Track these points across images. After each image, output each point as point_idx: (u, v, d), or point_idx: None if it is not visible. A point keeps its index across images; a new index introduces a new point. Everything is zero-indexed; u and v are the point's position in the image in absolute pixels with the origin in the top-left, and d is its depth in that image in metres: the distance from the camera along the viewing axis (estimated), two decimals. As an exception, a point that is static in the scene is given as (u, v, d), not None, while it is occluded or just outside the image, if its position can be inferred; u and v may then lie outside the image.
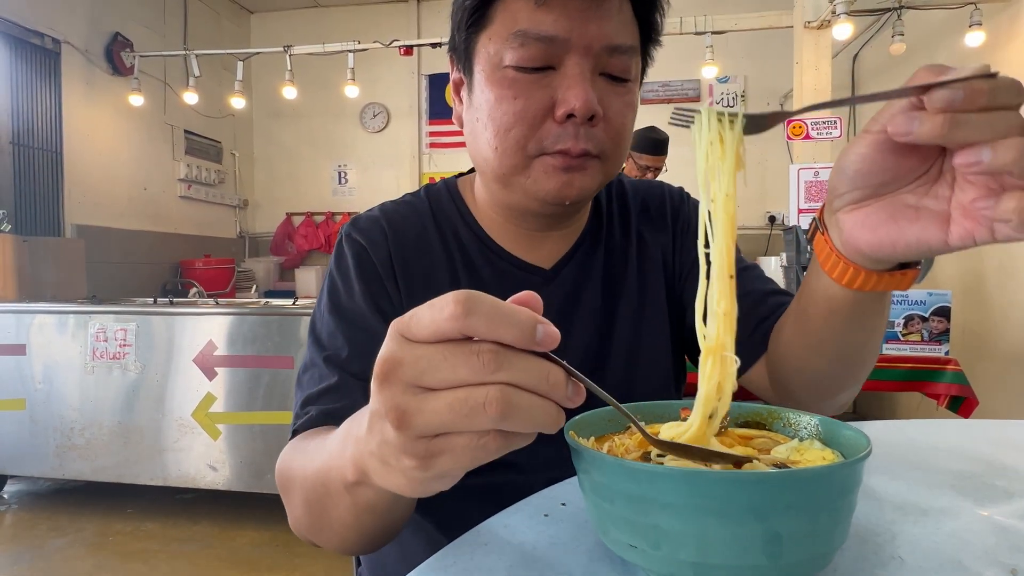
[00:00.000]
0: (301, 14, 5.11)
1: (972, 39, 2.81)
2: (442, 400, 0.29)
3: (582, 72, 0.57)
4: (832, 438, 0.42)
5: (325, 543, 0.52)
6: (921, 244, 0.40)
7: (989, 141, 0.33)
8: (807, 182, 2.71)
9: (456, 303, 0.28)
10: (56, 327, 2.59)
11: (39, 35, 3.47)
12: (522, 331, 0.29)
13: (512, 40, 0.57)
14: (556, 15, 0.56)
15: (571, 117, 0.57)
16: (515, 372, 0.29)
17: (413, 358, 0.29)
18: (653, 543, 0.34)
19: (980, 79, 0.33)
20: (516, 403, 0.29)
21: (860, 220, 0.43)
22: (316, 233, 5.04)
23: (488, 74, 0.59)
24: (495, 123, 0.59)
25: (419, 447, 0.30)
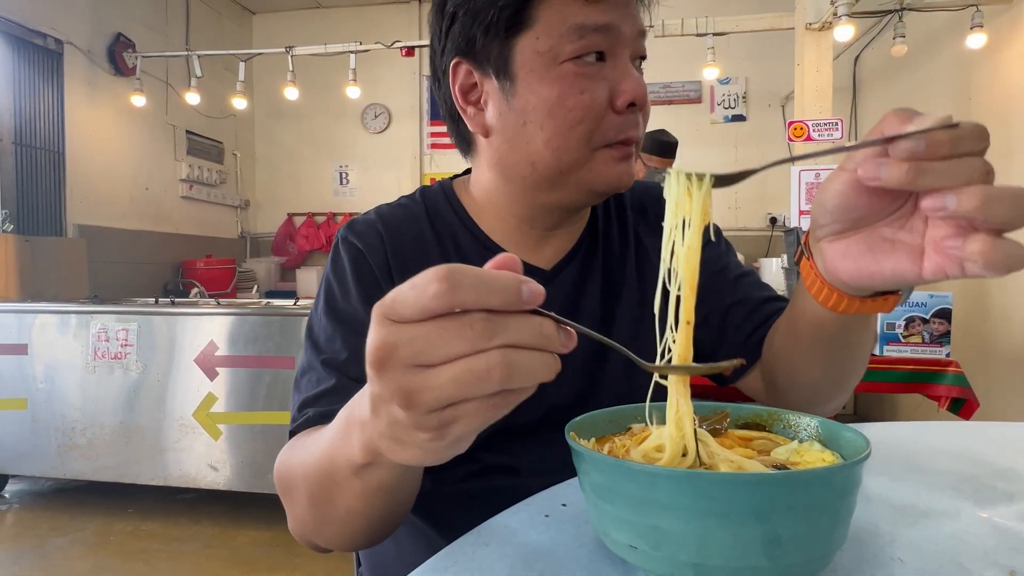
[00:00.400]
0: (303, 15, 5.12)
1: (973, 41, 2.81)
2: (446, 374, 0.29)
3: (629, 63, 0.60)
4: (832, 440, 0.42)
5: (330, 538, 0.52)
6: (896, 276, 0.42)
7: (953, 188, 0.35)
8: (808, 184, 2.71)
9: (439, 280, 0.29)
10: (58, 327, 2.60)
11: (41, 35, 3.48)
12: (508, 295, 0.29)
13: (570, 34, 0.58)
14: (605, 5, 0.59)
15: (632, 106, 0.59)
16: (510, 334, 0.30)
17: (407, 339, 0.30)
18: (653, 544, 0.34)
19: (941, 130, 0.35)
20: (517, 362, 0.30)
21: (841, 251, 0.45)
22: (317, 233, 5.04)
23: (542, 72, 0.59)
24: (558, 120, 0.59)
25: (431, 420, 0.31)
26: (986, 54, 2.87)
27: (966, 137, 0.35)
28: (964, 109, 3.06)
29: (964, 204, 0.34)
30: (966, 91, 3.05)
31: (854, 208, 0.42)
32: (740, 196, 4.49)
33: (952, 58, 3.14)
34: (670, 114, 4.59)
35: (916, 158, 0.35)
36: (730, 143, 4.55)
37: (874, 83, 4.03)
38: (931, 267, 0.39)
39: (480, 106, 0.64)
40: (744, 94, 4.54)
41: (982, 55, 2.89)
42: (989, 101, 2.89)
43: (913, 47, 3.17)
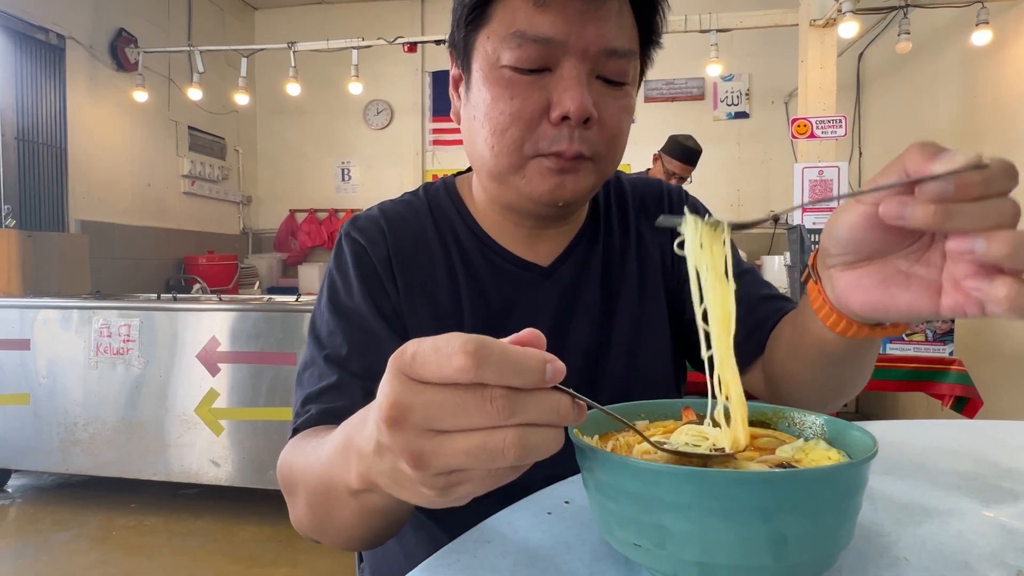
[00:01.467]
0: (305, 10, 5.11)
1: (979, 37, 2.80)
2: (460, 444, 0.29)
3: (578, 75, 0.57)
4: (838, 438, 0.42)
5: (330, 541, 0.52)
6: (912, 311, 0.41)
7: (981, 230, 0.34)
8: (811, 181, 2.70)
9: (465, 355, 0.28)
10: (60, 322, 2.60)
11: (44, 31, 3.47)
12: (533, 377, 0.29)
13: (510, 40, 0.57)
14: (554, 17, 0.56)
15: (566, 119, 0.57)
16: (528, 413, 0.30)
17: (422, 404, 0.29)
18: (657, 542, 0.34)
19: (972, 171, 0.33)
20: (531, 442, 0.30)
21: (852, 282, 0.44)
22: (319, 230, 5.04)
23: (485, 73, 0.59)
24: (491, 122, 0.59)
25: (438, 481, 0.31)
26: (991, 51, 2.85)
27: (996, 178, 0.34)
28: (969, 106, 3.05)
29: (994, 250, 0.34)
30: (971, 88, 3.04)
31: (869, 242, 0.41)
32: (742, 193, 4.48)
33: (957, 55, 3.13)
34: (673, 111, 4.58)
35: (945, 200, 0.34)
36: (733, 140, 4.54)
37: (878, 80, 4.01)
38: (950, 304, 0.38)
39: (459, 96, 0.66)
40: (747, 91, 4.52)
41: (987, 52, 2.87)
42: (994, 98, 2.87)
43: (918, 44, 3.16)
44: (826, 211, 2.74)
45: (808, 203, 0.43)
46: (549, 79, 0.58)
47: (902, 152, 0.36)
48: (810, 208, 0.55)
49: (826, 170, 2.70)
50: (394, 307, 0.66)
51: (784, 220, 4.29)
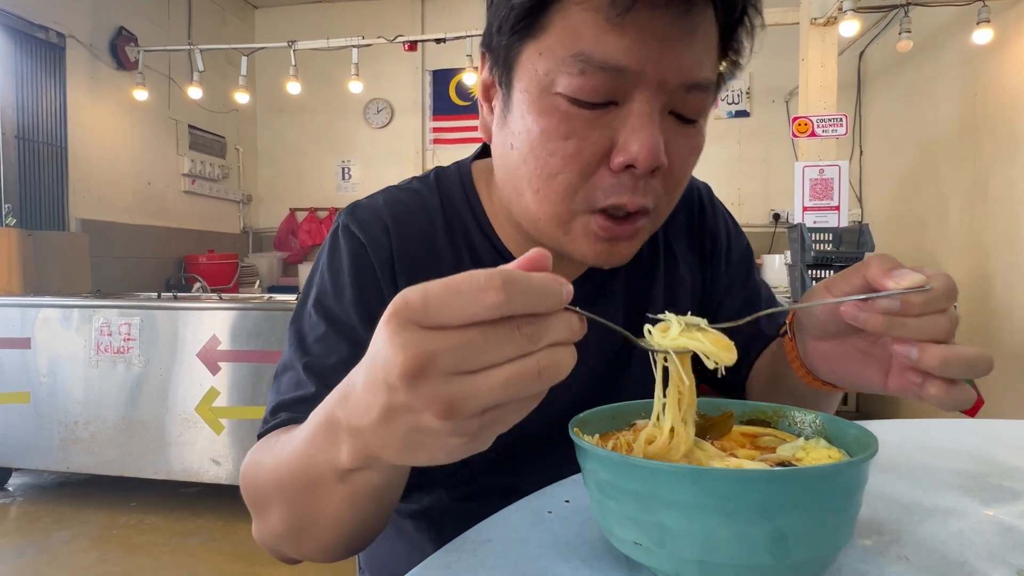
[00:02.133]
0: (305, 9, 5.10)
1: (980, 36, 2.79)
2: (495, 379, 0.29)
3: (651, 113, 0.47)
4: (838, 437, 0.42)
5: (307, 549, 0.47)
6: (865, 384, 0.49)
7: (918, 342, 0.41)
8: (812, 180, 2.70)
9: (497, 290, 0.28)
10: (60, 321, 2.60)
11: (44, 29, 3.47)
12: (556, 300, 0.30)
13: (570, 64, 0.46)
14: (631, 40, 0.45)
15: (630, 167, 0.48)
16: (551, 334, 0.30)
17: (449, 347, 0.28)
18: (658, 541, 0.34)
19: (915, 293, 0.40)
20: (560, 360, 0.30)
21: (821, 353, 0.51)
22: (320, 228, 5.04)
23: (534, 98, 0.49)
24: (538, 162, 0.49)
25: (471, 425, 0.30)
26: (992, 50, 2.85)
27: (936, 299, 0.41)
28: (970, 105, 3.05)
29: (924, 361, 0.41)
30: (972, 87, 3.04)
31: (833, 326, 0.48)
32: (743, 192, 4.48)
33: (958, 54, 3.12)
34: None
35: (892, 314, 0.41)
36: (734, 139, 4.53)
37: (879, 79, 4.01)
38: (894, 386, 0.46)
39: (492, 107, 0.56)
40: (748, 90, 4.52)
41: (988, 51, 2.87)
42: (995, 97, 2.87)
43: (919, 42, 3.15)
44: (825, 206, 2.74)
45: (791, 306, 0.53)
46: (614, 115, 0.47)
47: (866, 259, 0.44)
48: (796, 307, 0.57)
49: (827, 169, 2.70)
50: None
51: (785, 219, 4.29)
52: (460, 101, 4.90)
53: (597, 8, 0.45)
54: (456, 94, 4.90)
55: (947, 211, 3.22)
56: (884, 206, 3.94)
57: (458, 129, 4.92)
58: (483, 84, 0.56)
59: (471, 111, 4.88)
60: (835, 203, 2.70)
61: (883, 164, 3.99)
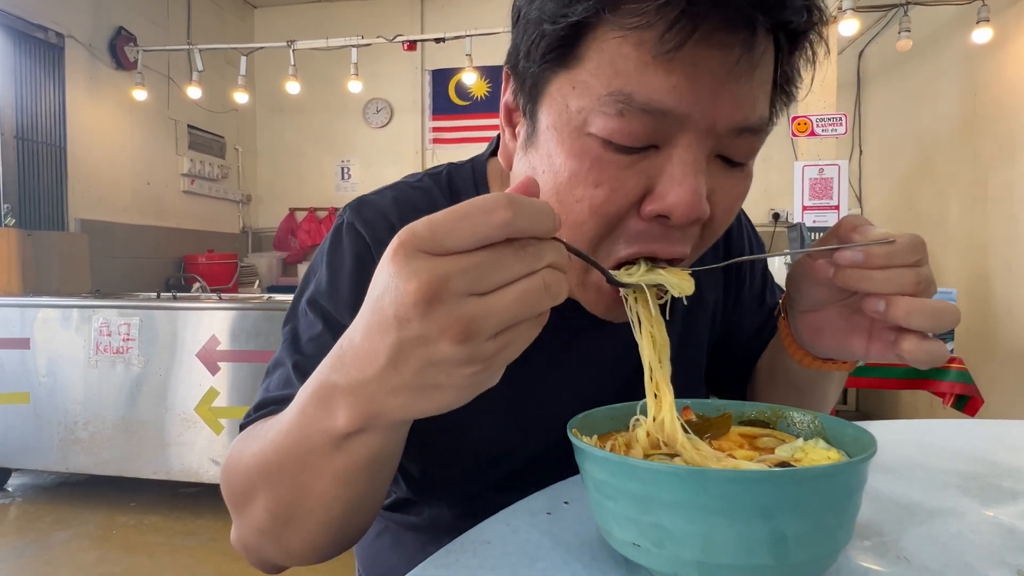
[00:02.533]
0: (304, 9, 5.10)
1: (979, 35, 2.79)
2: (509, 296, 0.30)
3: (695, 161, 0.41)
4: (837, 437, 0.42)
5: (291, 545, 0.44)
6: (847, 352, 0.50)
7: (886, 295, 0.42)
8: (811, 179, 2.70)
9: (504, 208, 0.30)
10: (60, 321, 2.60)
11: (43, 29, 3.47)
12: (553, 223, 0.32)
13: (607, 103, 0.40)
14: (679, 79, 0.39)
15: (662, 216, 0.43)
16: (548, 256, 0.32)
17: (461, 269, 0.29)
18: (657, 542, 0.34)
19: (879, 245, 0.42)
20: (560, 279, 0.32)
21: (809, 324, 0.52)
22: (319, 228, 5.04)
23: (563, 136, 0.43)
24: (562, 207, 0.44)
25: (488, 347, 0.31)
26: (992, 49, 2.85)
27: (899, 252, 0.41)
28: (970, 104, 3.05)
29: (892, 312, 0.41)
30: (972, 86, 3.04)
31: (816, 294, 0.49)
32: (743, 192, 4.47)
33: (958, 53, 3.12)
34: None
35: (857, 266, 0.42)
36: (733, 138, 4.53)
37: (879, 78, 4.01)
38: (875, 350, 0.47)
39: (515, 134, 0.50)
40: (747, 89, 4.51)
41: (988, 50, 2.87)
42: (995, 96, 2.87)
43: (918, 42, 3.15)
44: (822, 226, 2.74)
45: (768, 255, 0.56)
46: (653, 159, 0.42)
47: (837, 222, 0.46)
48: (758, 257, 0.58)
49: (826, 168, 2.70)
50: None
51: (785, 219, 4.29)
52: (459, 101, 4.90)
53: (642, 41, 0.39)
54: (455, 94, 4.90)
55: (947, 210, 3.22)
56: (884, 205, 3.94)
57: (458, 129, 4.92)
58: (505, 106, 0.50)
59: (470, 111, 4.88)
60: (835, 202, 2.70)
61: (883, 163, 3.99)
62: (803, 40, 0.43)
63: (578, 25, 0.40)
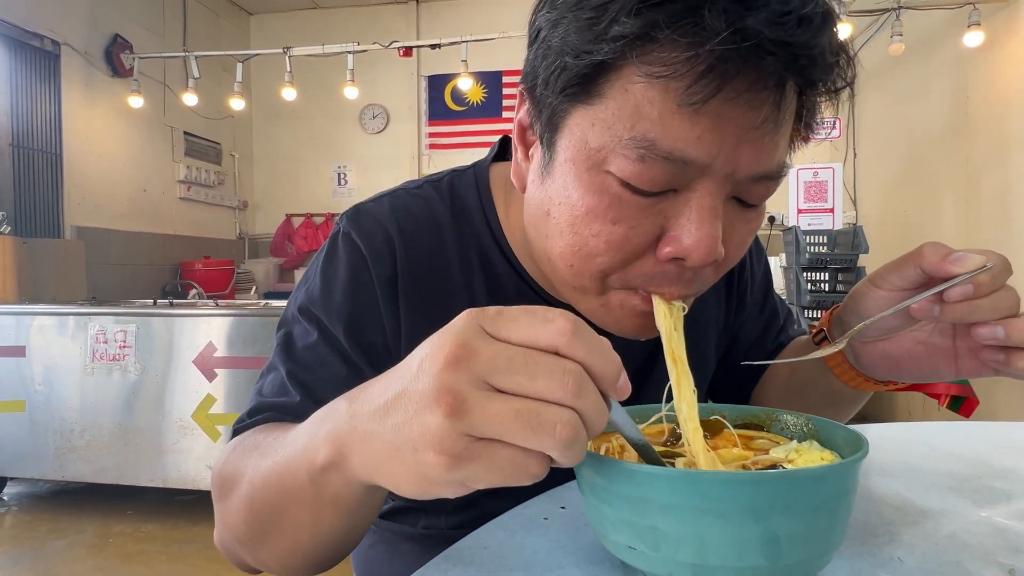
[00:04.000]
0: (300, 15, 5.11)
1: (971, 39, 2.82)
2: (511, 404, 0.28)
3: (713, 207, 0.41)
4: (830, 439, 0.42)
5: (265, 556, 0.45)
6: (934, 375, 0.49)
7: (998, 320, 0.42)
8: (806, 182, 2.71)
9: (567, 321, 0.29)
10: (56, 329, 2.59)
11: (39, 37, 3.47)
12: (615, 372, 0.30)
13: (628, 146, 0.39)
14: (703, 129, 0.38)
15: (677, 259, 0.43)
16: (588, 403, 0.29)
17: (492, 352, 0.28)
18: (652, 545, 0.34)
19: (982, 273, 0.42)
20: (579, 434, 0.28)
21: (880, 353, 0.50)
22: (316, 234, 5.04)
23: (581, 171, 0.42)
24: (578, 239, 0.44)
25: (458, 444, 0.28)
26: (983, 52, 2.87)
27: (1001, 275, 0.42)
28: (961, 107, 3.07)
29: (1015, 337, 0.42)
30: (963, 89, 3.06)
31: (887, 324, 0.48)
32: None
33: (949, 56, 3.15)
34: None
35: (967, 299, 0.42)
36: (728, 142, 4.55)
37: (872, 81, 4.04)
38: (967, 369, 0.47)
39: (528, 155, 0.49)
40: (742, 93, 4.54)
41: (979, 53, 2.89)
42: (986, 99, 2.89)
43: (910, 45, 3.18)
44: (819, 210, 2.75)
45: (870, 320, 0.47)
46: (670, 201, 0.42)
47: (917, 249, 0.45)
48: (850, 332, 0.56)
49: (821, 171, 2.71)
50: (385, 340, 0.54)
51: (780, 222, 4.31)
52: (455, 106, 4.91)
53: (668, 89, 0.38)
54: (452, 99, 4.91)
55: (940, 212, 3.24)
56: (878, 208, 3.96)
57: (454, 134, 4.93)
58: (519, 125, 0.49)
59: (466, 116, 4.90)
60: (829, 205, 2.71)
61: (877, 166, 4.01)
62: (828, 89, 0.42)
63: (602, 64, 0.39)
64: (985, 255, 0.42)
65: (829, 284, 2.78)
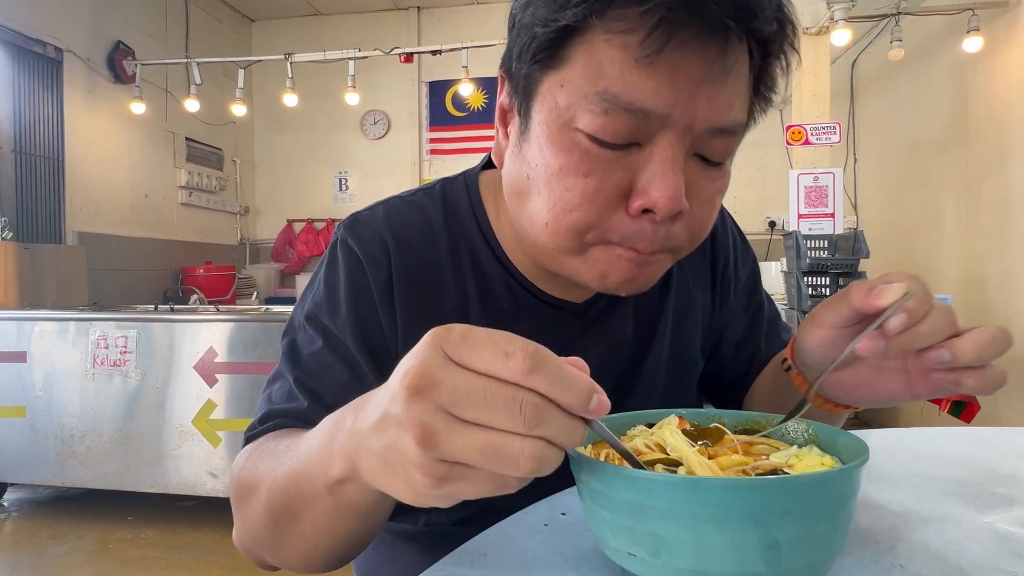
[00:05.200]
0: (302, 22, 5.14)
1: (970, 44, 2.82)
2: (473, 439, 0.29)
3: (674, 158, 0.44)
4: (830, 445, 0.42)
5: (284, 557, 0.47)
6: (892, 398, 0.49)
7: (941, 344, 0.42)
8: (807, 187, 2.71)
9: (525, 357, 0.28)
10: (57, 334, 2.59)
11: (41, 44, 3.49)
12: (579, 399, 0.30)
13: (594, 101, 0.43)
14: (660, 81, 0.42)
15: (649, 211, 0.46)
16: (551, 430, 0.29)
17: (452, 384, 0.29)
18: (652, 551, 0.34)
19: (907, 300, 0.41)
20: (545, 459, 0.29)
21: (836, 383, 0.50)
22: (317, 240, 5.05)
23: (553, 131, 0.46)
24: (553, 196, 0.47)
25: (439, 469, 0.30)
26: (983, 57, 2.88)
27: (925, 297, 0.42)
28: (961, 112, 3.07)
29: (961, 357, 0.42)
30: (963, 94, 3.06)
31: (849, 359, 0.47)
32: (739, 200, 4.50)
33: (949, 62, 3.16)
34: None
35: (904, 329, 0.42)
36: (728, 147, 4.56)
37: (872, 87, 4.04)
38: (922, 390, 0.46)
39: (507, 133, 0.53)
40: (742, 98, 4.55)
41: (979, 58, 2.90)
42: (986, 104, 2.90)
43: (910, 51, 3.19)
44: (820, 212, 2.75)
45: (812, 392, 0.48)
46: (636, 156, 0.45)
47: (846, 288, 0.46)
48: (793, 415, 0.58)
49: (821, 176, 2.71)
50: (386, 343, 0.57)
51: (781, 227, 4.31)
52: (456, 112, 4.93)
53: (625, 45, 0.42)
54: (452, 105, 4.93)
55: (940, 217, 3.24)
56: (879, 213, 3.97)
57: (455, 140, 4.95)
58: (500, 108, 0.53)
59: (467, 122, 4.91)
60: (830, 210, 2.71)
61: (877, 171, 4.01)
62: (775, 49, 0.46)
63: (567, 29, 0.43)
64: (904, 282, 0.42)
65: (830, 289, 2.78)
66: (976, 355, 0.42)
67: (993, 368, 0.43)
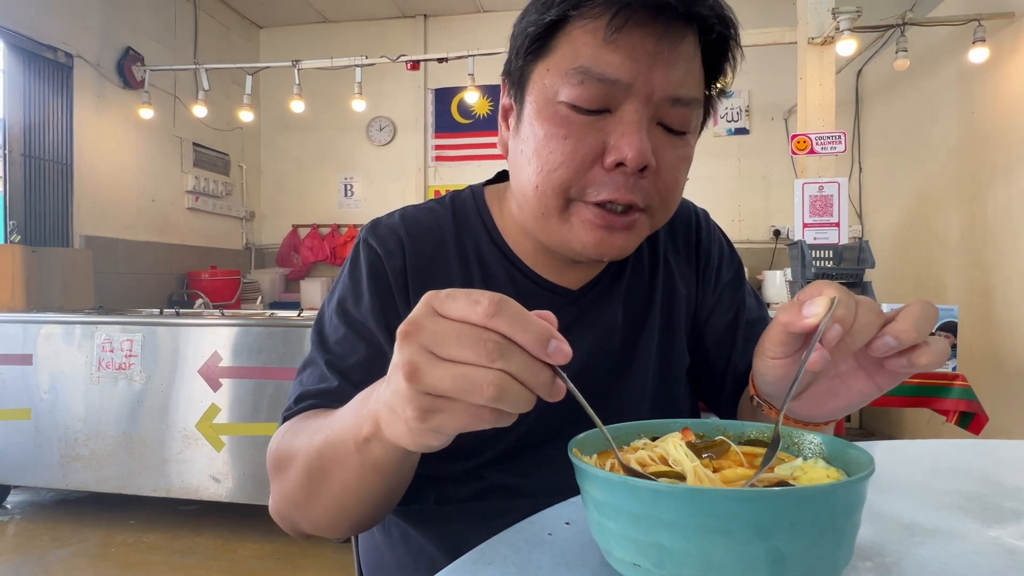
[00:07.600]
0: (310, 29, 5.17)
1: (976, 55, 2.82)
2: (447, 371, 0.34)
3: (639, 120, 0.54)
4: (836, 457, 0.42)
5: (316, 518, 0.53)
6: (862, 397, 0.50)
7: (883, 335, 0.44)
8: (812, 196, 2.71)
9: (491, 303, 0.34)
10: (62, 337, 2.61)
11: (52, 49, 3.52)
12: (536, 339, 0.34)
13: (571, 76, 0.54)
14: (623, 56, 0.53)
15: (621, 166, 0.54)
16: (511, 364, 0.34)
17: (432, 328, 0.35)
18: (656, 562, 0.34)
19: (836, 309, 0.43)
20: (507, 390, 0.34)
21: (807, 403, 0.51)
22: (322, 245, 5.06)
23: (540, 107, 0.56)
24: (540, 160, 0.56)
25: (423, 401, 0.35)
26: (988, 68, 2.88)
27: (848, 300, 0.44)
28: (967, 122, 3.07)
29: (903, 338, 0.44)
30: (969, 105, 3.06)
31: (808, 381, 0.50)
32: (744, 209, 4.49)
33: (954, 72, 3.15)
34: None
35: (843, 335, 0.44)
36: (733, 156, 4.57)
37: (877, 97, 4.04)
38: (884, 380, 0.48)
39: (508, 125, 0.63)
40: (747, 107, 4.55)
41: (984, 69, 2.90)
42: (992, 115, 2.89)
43: (915, 61, 3.18)
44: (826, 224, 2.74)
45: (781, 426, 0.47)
46: (607, 121, 0.55)
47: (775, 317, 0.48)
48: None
49: (826, 185, 2.71)
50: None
51: (786, 236, 4.31)
52: (462, 119, 4.95)
53: (596, 29, 0.53)
54: (458, 112, 4.95)
55: (947, 227, 3.23)
56: (884, 222, 3.95)
57: (460, 147, 4.96)
58: (503, 107, 0.63)
59: (472, 129, 4.93)
60: (835, 219, 2.71)
61: (882, 181, 4.01)
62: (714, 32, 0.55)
63: (552, 23, 0.55)
64: (824, 293, 0.44)
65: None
66: (916, 332, 0.44)
67: (937, 340, 0.45)
